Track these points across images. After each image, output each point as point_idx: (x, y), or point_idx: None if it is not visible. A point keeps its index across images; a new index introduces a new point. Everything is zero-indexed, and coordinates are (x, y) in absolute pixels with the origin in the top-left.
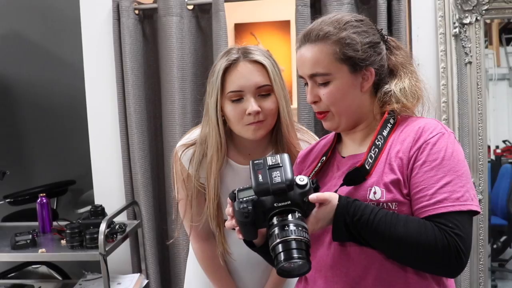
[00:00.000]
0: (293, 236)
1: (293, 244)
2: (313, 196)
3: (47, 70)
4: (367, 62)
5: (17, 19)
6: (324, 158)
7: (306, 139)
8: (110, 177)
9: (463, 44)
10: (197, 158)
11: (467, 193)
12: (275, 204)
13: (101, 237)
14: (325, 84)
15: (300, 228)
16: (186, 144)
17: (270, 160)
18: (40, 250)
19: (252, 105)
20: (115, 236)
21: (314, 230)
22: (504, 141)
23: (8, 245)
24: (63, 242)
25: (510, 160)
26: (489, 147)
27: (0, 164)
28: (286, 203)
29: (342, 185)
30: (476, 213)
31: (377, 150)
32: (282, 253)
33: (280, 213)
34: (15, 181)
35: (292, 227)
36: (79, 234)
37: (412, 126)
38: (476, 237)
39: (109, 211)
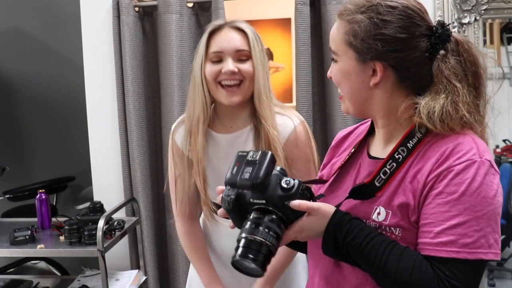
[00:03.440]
0: (258, 238)
1: (254, 245)
2: (295, 203)
3: (47, 66)
4: (370, 55)
5: (17, 15)
6: (353, 150)
7: (286, 114)
8: (109, 174)
9: None
10: (187, 132)
11: (483, 238)
12: (251, 200)
13: (99, 233)
14: (335, 62)
15: (271, 233)
16: (179, 122)
17: (251, 155)
18: (38, 246)
19: (228, 64)
20: (113, 232)
21: (297, 238)
22: (504, 141)
23: (7, 241)
24: (62, 238)
25: (510, 160)
26: None
27: (0, 160)
28: (260, 201)
29: (347, 197)
30: (488, 261)
31: (394, 164)
32: (241, 248)
33: (259, 210)
34: (15, 177)
35: (262, 228)
36: (77, 230)
37: (441, 143)
38: None
39: (108, 207)
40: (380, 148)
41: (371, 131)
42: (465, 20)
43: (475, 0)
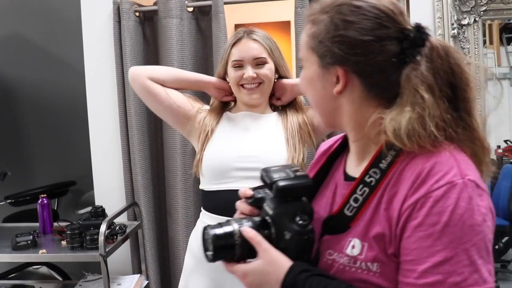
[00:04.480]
0: (236, 227)
1: (228, 230)
2: (247, 229)
3: (48, 71)
4: (329, 59)
5: (18, 20)
6: (320, 168)
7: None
8: (110, 178)
9: (462, 45)
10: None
11: (476, 273)
12: (264, 204)
13: (101, 238)
14: (303, 68)
15: (241, 238)
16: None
17: (295, 168)
18: (40, 251)
19: (248, 71)
20: (115, 237)
21: (240, 278)
22: (505, 141)
23: (9, 246)
24: (64, 243)
25: (511, 160)
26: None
27: (1, 165)
28: (269, 211)
29: (322, 235)
30: None
31: (366, 189)
32: (220, 224)
33: (263, 219)
34: (16, 182)
35: (247, 223)
36: (79, 235)
37: (417, 162)
38: None
39: (110, 212)
40: (354, 164)
41: (347, 144)
42: (465, 22)
43: (474, 2)
